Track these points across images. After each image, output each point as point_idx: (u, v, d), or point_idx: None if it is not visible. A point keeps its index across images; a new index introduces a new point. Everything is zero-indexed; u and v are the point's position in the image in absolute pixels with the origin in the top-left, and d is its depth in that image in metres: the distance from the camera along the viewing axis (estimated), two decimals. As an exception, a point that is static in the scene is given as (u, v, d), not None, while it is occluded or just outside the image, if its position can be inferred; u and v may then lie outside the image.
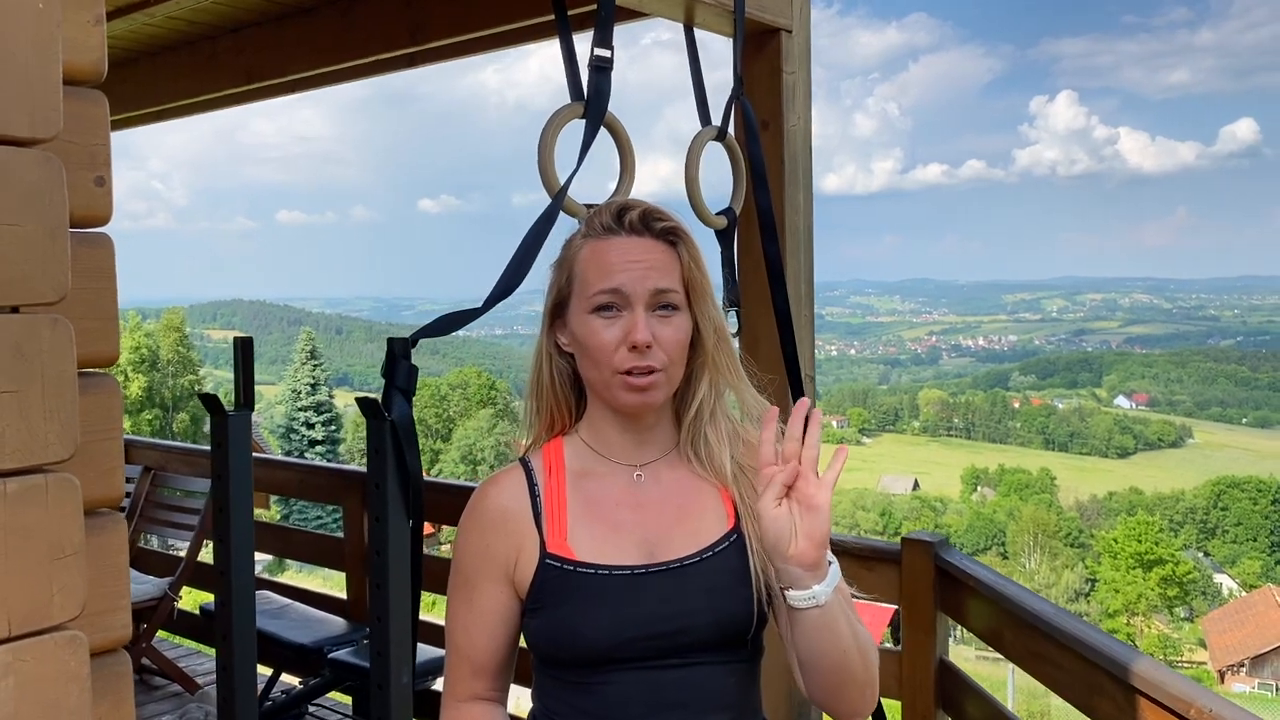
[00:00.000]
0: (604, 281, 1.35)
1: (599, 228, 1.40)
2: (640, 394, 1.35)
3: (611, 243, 1.38)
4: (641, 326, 1.33)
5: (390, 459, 1.62)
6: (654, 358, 1.34)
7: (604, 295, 1.35)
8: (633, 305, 1.34)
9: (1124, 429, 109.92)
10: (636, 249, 1.37)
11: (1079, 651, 1.99)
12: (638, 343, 1.32)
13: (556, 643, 1.34)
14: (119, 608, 1.39)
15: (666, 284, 1.36)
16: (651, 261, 1.36)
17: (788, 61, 2.74)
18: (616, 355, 1.34)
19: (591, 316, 1.36)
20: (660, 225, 1.38)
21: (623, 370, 1.34)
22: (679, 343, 1.36)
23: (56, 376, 1.16)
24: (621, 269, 1.35)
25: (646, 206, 1.40)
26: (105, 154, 1.36)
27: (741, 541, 1.38)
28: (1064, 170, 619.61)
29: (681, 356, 1.38)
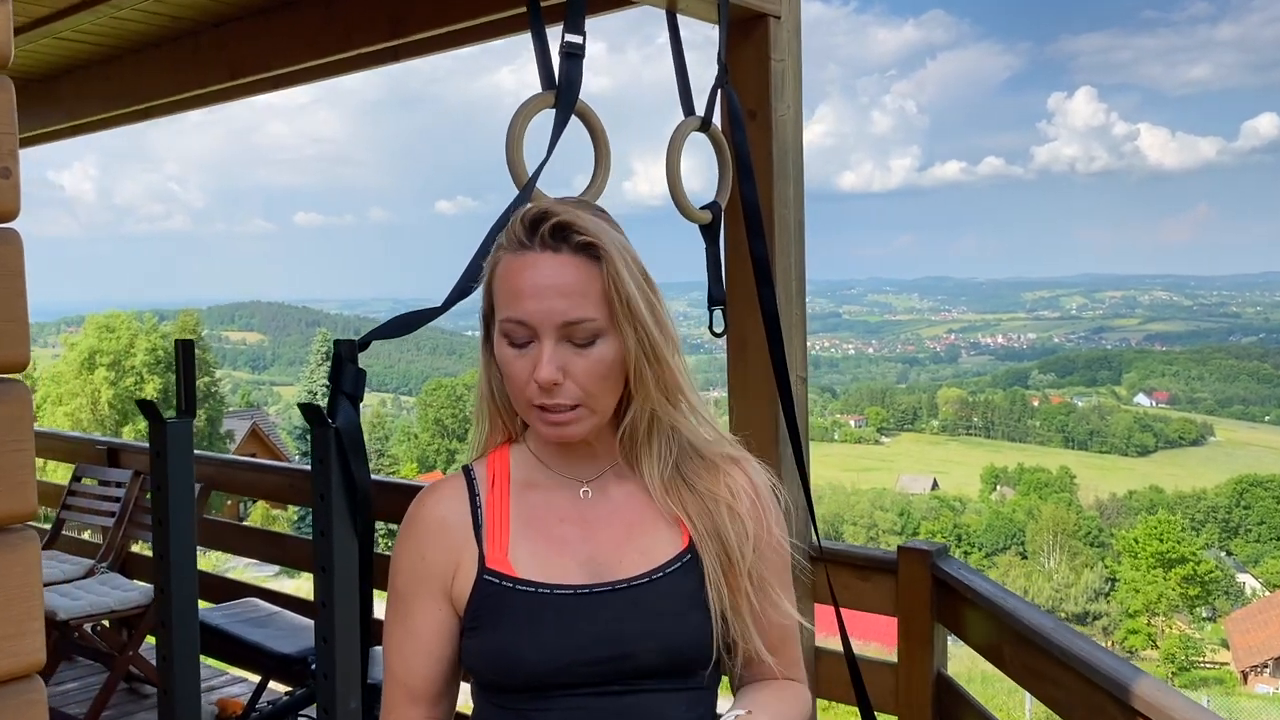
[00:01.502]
0: (511, 309, 1.22)
1: (514, 241, 1.24)
2: (557, 429, 1.24)
3: (524, 261, 1.22)
4: (545, 363, 1.19)
5: (335, 469, 1.52)
6: (565, 394, 1.21)
7: (512, 325, 1.22)
8: (540, 338, 1.21)
9: (1144, 427, 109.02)
10: (547, 271, 1.21)
11: (1079, 670, 1.87)
12: (540, 381, 1.20)
13: (494, 666, 1.24)
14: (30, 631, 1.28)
15: (578, 314, 1.20)
16: (562, 286, 1.20)
17: (776, 48, 2.63)
18: (528, 389, 1.22)
19: (503, 341, 1.24)
20: (579, 239, 1.22)
21: (536, 404, 1.23)
22: (597, 374, 1.22)
23: (-51, 386, 1.07)
24: (529, 294, 1.20)
25: (564, 217, 1.22)
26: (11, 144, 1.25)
27: (695, 562, 1.27)
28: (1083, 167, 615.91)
29: (604, 386, 1.24)
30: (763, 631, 1.29)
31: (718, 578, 1.26)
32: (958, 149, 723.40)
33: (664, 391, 1.26)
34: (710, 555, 1.27)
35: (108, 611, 4.18)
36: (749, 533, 1.28)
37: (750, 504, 1.31)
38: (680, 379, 1.28)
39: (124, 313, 47.44)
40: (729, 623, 1.27)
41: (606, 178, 2.20)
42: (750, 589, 1.27)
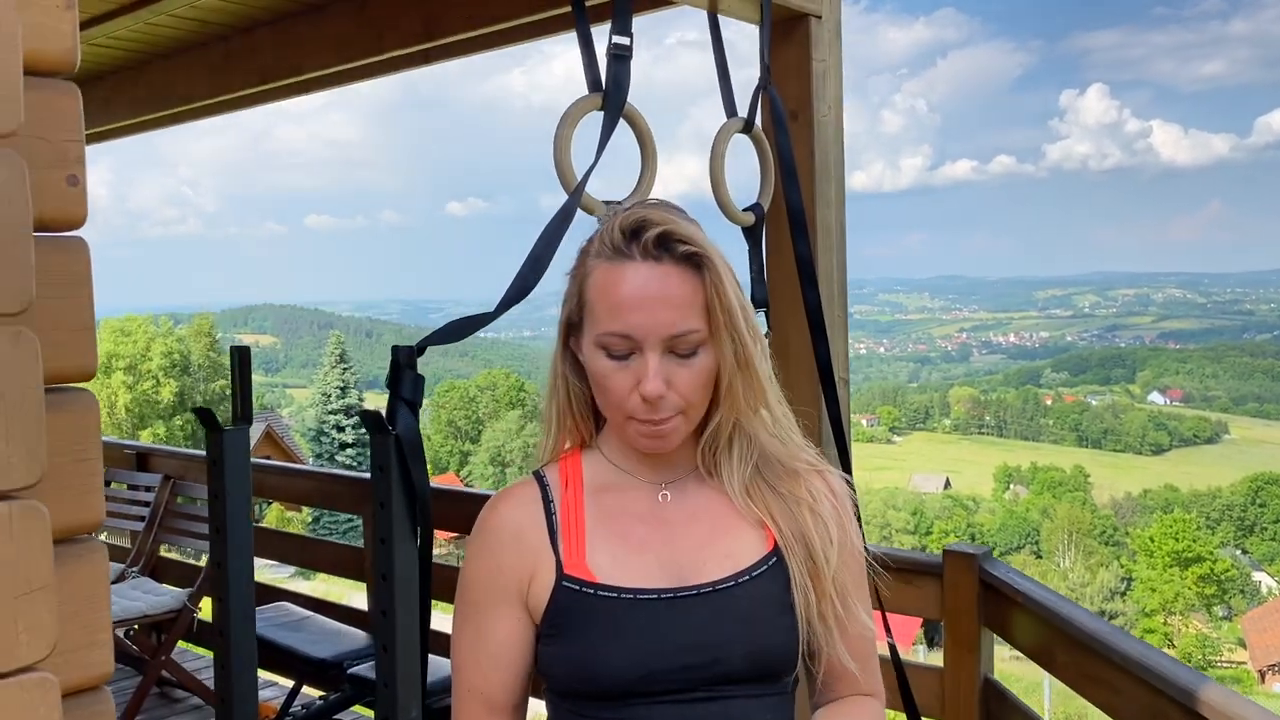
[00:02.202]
0: (613, 322, 1.18)
1: (610, 247, 1.21)
2: (655, 440, 1.22)
3: (625, 271, 1.19)
4: (652, 377, 1.17)
5: (396, 476, 1.51)
6: (668, 406, 1.19)
7: (613, 339, 1.19)
8: (644, 351, 1.18)
9: (1158, 425, 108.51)
10: (652, 282, 1.18)
11: (1140, 676, 1.84)
12: (647, 395, 1.17)
13: (576, 674, 1.21)
14: (99, 642, 1.28)
15: (685, 326, 1.18)
16: (668, 298, 1.17)
17: (817, 49, 2.61)
18: (629, 402, 1.20)
19: (600, 353, 1.21)
20: (682, 249, 1.19)
21: (636, 418, 1.21)
22: (699, 384, 1.21)
23: (19, 395, 1.05)
24: (634, 307, 1.17)
25: (666, 226, 1.19)
26: (78, 151, 1.25)
27: (782, 566, 1.25)
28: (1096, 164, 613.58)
29: (704, 395, 1.22)
30: (846, 639, 1.27)
31: (804, 581, 1.24)
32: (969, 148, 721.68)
33: (750, 401, 1.25)
34: (796, 558, 1.25)
35: (140, 616, 4.18)
36: (833, 537, 1.26)
37: (832, 509, 1.29)
38: (767, 388, 1.26)
39: (140, 316, 47.69)
40: (814, 628, 1.24)
41: (653, 180, 2.19)
42: (835, 595, 1.25)
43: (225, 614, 1.59)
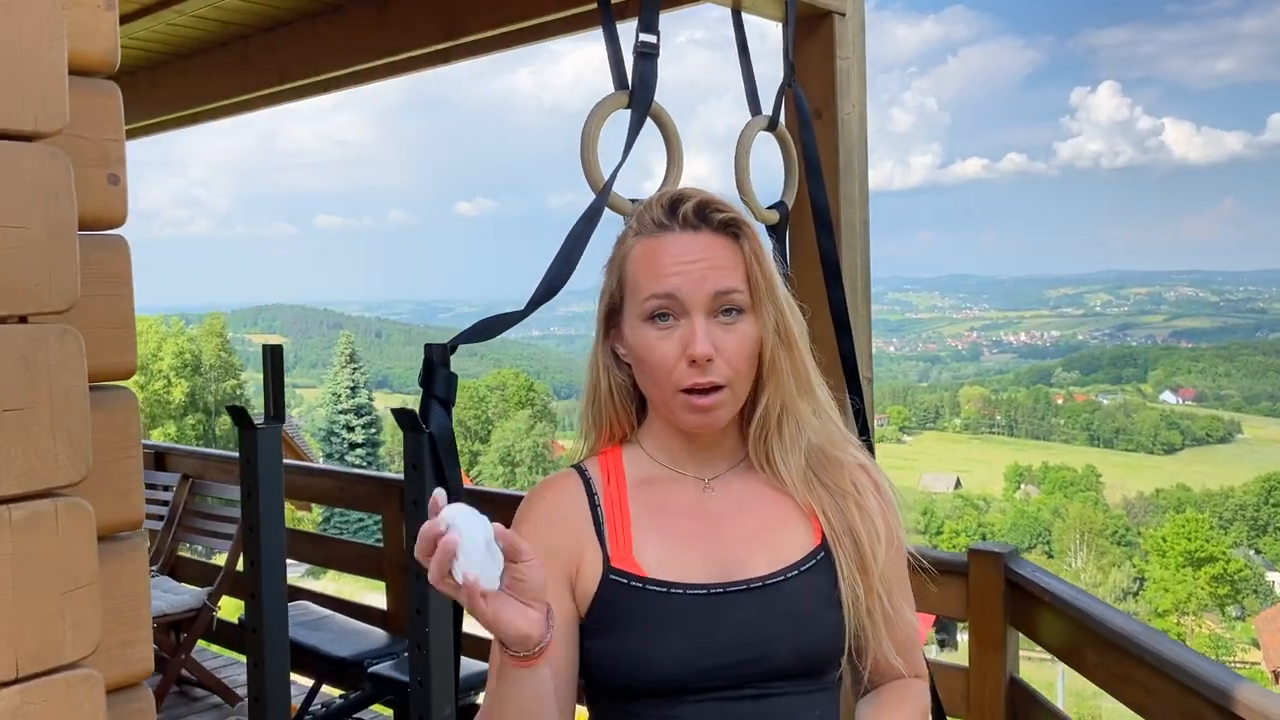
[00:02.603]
0: (656, 285, 1.20)
1: (650, 223, 1.24)
2: (703, 415, 1.20)
3: (664, 240, 1.22)
4: (701, 337, 1.17)
5: (429, 473, 1.51)
6: (717, 372, 1.18)
7: (657, 301, 1.19)
8: (690, 312, 1.19)
9: (1171, 425, 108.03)
10: (693, 246, 1.20)
11: (1174, 676, 1.83)
12: (697, 356, 1.17)
13: (623, 670, 1.19)
14: (139, 639, 1.28)
15: (728, 284, 1.19)
16: (711, 260, 1.20)
17: (841, 46, 2.60)
18: (675, 371, 1.19)
19: (645, 326, 1.21)
20: (720, 217, 1.22)
21: (683, 387, 1.19)
22: (745, 353, 1.20)
23: (65, 392, 1.06)
24: (676, 270, 1.19)
25: (703, 196, 1.24)
26: (119, 150, 1.26)
27: (828, 560, 1.24)
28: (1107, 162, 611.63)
29: (749, 367, 1.21)
30: (892, 635, 1.26)
31: (852, 576, 1.23)
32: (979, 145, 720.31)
33: (796, 381, 1.24)
34: (844, 553, 1.24)
35: (159, 615, 4.20)
36: (881, 533, 1.25)
37: (878, 504, 1.28)
38: (811, 371, 1.26)
39: (150, 316, 47.92)
40: (861, 625, 1.23)
41: (680, 177, 2.19)
42: (882, 592, 1.24)
43: (258, 611, 1.59)
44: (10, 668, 1.01)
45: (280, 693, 1.62)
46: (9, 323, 1.03)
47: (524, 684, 1.08)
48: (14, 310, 1.02)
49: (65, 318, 1.09)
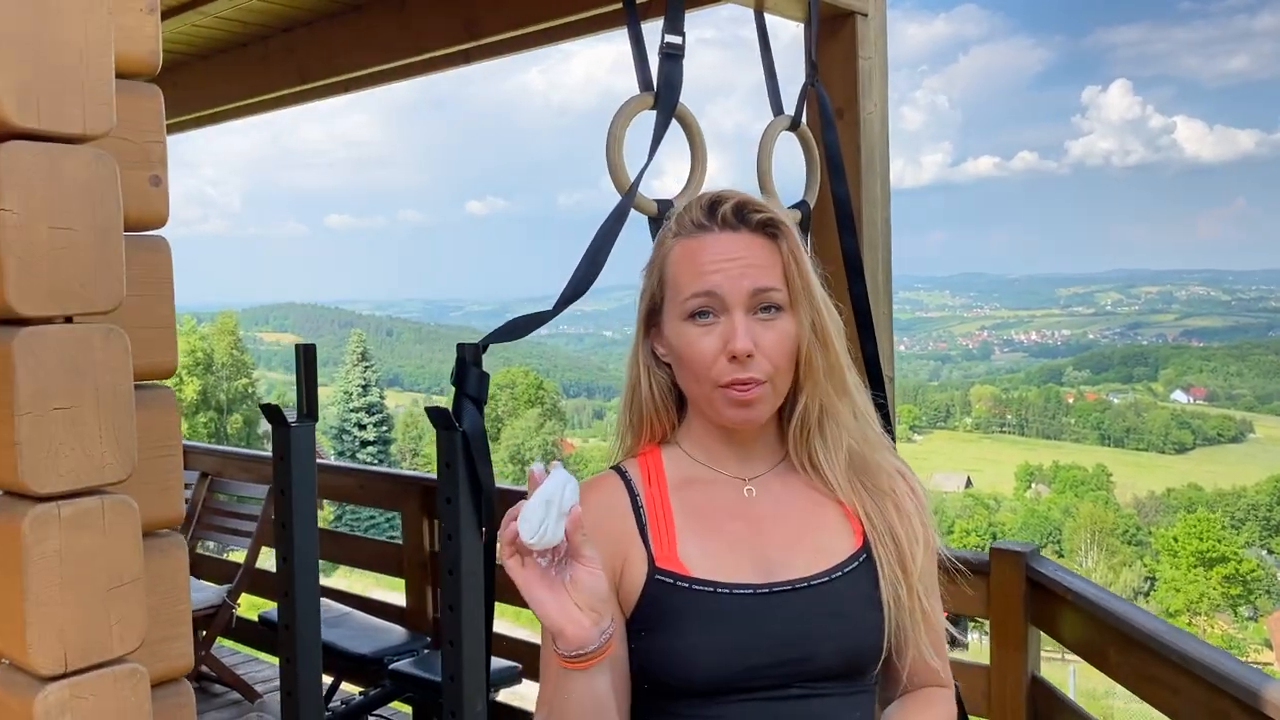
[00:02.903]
0: (697, 284, 1.22)
1: (690, 225, 1.27)
2: (744, 409, 1.22)
3: (704, 240, 1.24)
4: (741, 333, 1.19)
5: (462, 471, 1.52)
6: (757, 368, 1.20)
7: (698, 299, 1.22)
8: (730, 309, 1.21)
9: (1182, 424, 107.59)
10: (732, 246, 1.23)
11: (1201, 675, 1.83)
12: (737, 352, 1.19)
13: (668, 669, 1.20)
14: (180, 634, 1.30)
15: (767, 282, 1.21)
16: (749, 259, 1.22)
17: (863, 46, 2.61)
18: (715, 367, 1.21)
19: (686, 324, 1.23)
20: (758, 217, 1.24)
21: (723, 383, 1.21)
22: (785, 350, 1.21)
23: (112, 391, 1.08)
24: (715, 269, 1.22)
25: (741, 197, 1.27)
26: (160, 152, 1.27)
27: (870, 562, 1.25)
28: (1119, 161, 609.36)
29: (788, 364, 1.23)
30: (930, 636, 1.27)
31: (894, 576, 1.24)
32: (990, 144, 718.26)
33: (832, 380, 1.25)
34: (886, 554, 1.25)
35: (179, 612, 4.21)
36: (919, 536, 1.27)
37: (915, 507, 1.29)
38: (848, 371, 1.27)
39: (162, 315, 47.89)
40: (902, 625, 1.24)
41: (703, 179, 2.19)
42: (922, 593, 1.25)
43: (291, 608, 1.61)
44: (59, 662, 1.03)
45: (313, 688, 1.63)
46: (55, 323, 1.04)
47: (578, 686, 1.11)
48: (60, 310, 1.04)
49: (110, 318, 1.10)
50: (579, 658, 1.08)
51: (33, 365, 1.01)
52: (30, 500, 1.02)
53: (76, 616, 1.04)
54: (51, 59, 1.02)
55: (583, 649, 1.08)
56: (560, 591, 1.07)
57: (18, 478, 1.00)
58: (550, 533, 1.04)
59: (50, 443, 1.02)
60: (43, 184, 1.01)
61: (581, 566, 1.07)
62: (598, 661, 1.10)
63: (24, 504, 1.02)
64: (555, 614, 1.07)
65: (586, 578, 1.07)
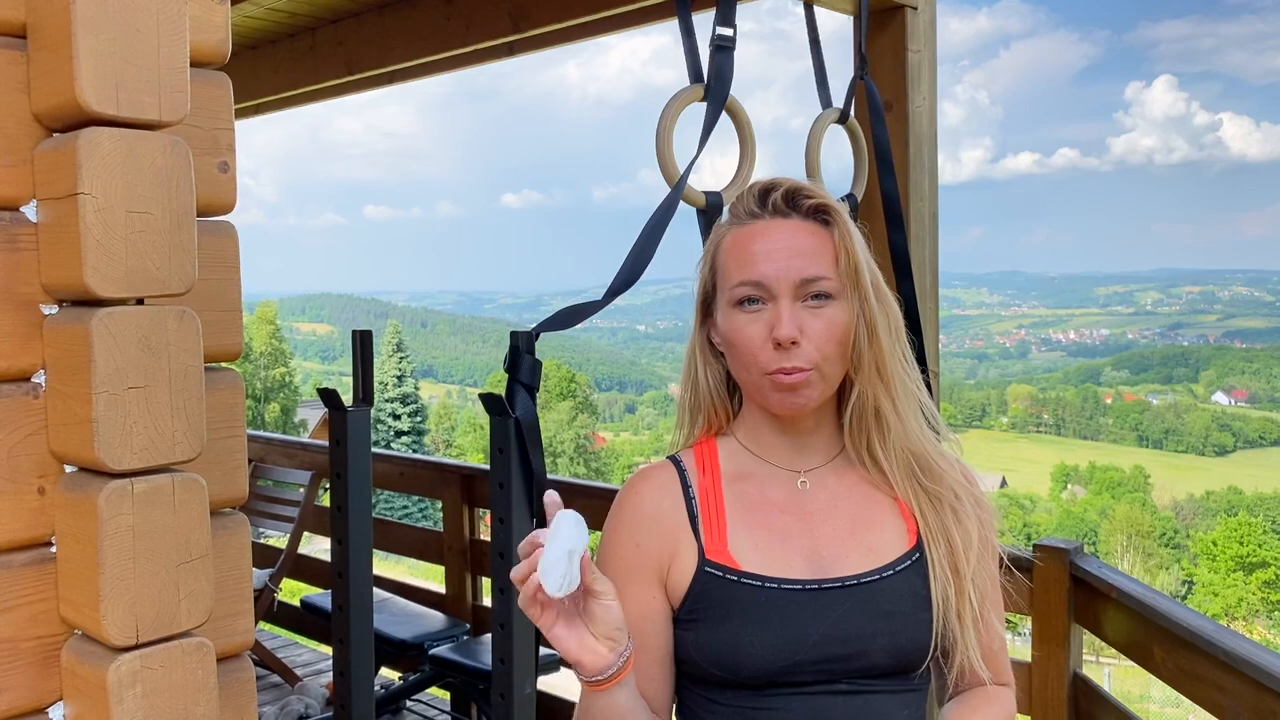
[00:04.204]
0: (745, 272, 1.23)
1: (742, 213, 1.28)
2: (789, 394, 1.21)
3: (754, 228, 1.25)
4: (786, 320, 1.19)
5: (514, 458, 1.54)
6: (801, 356, 1.19)
7: (745, 288, 1.22)
8: (777, 297, 1.20)
9: (1222, 426, 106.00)
10: (782, 233, 1.23)
11: (1247, 673, 1.82)
12: (781, 339, 1.19)
13: (717, 661, 1.21)
14: (242, 611, 1.34)
15: (815, 271, 1.21)
16: (798, 246, 1.22)
17: (913, 40, 2.60)
18: (762, 354, 1.21)
19: (735, 311, 1.24)
20: (810, 203, 1.24)
21: (770, 370, 1.21)
22: (833, 337, 1.21)
23: (183, 372, 1.10)
24: (764, 257, 1.22)
25: (793, 183, 1.27)
26: (229, 138, 1.30)
27: (923, 561, 1.25)
28: (1161, 158, 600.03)
29: (840, 351, 1.22)
30: (981, 642, 1.25)
31: (945, 577, 1.23)
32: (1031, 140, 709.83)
33: (884, 372, 1.24)
34: (939, 554, 1.24)
35: (223, 595, 4.28)
36: (974, 538, 1.26)
37: (971, 508, 1.28)
38: (896, 364, 1.25)
39: (202, 304, 48.54)
40: (950, 627, 1.23)
41: (751, 170, 2.20)
42: (973, 596, 1.24)
43: (345, 589, 1.64)
44: (131, 634, 1.06)
45: (365, 668, 1.66)
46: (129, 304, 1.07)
47: (598, 702, 1.16)
48: (135, 293, 1.07)
49: (183, 300, 1.13)
50: (600, 681, 1.13)
51: (109, 345, 1.04)
52: (105, 476, 1.04)
53: (148, 590, 1.07)
54: (129, 48, 1.05)
55: (602, 674, 1.13)
56: (578, 625, 1.12)
57: (94, 454, 1.03)
58: (572, 581, 1.07)
59: (125, 420, 1.04)
60: (121, 169, 1.04)
61: (596, 600, 1.11)
62: (618, 681, 1.14)
63: (99, 480, 1.05)
64: (574, 648, 1.11)
65: (601, 611, 1.11)
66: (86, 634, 1.08)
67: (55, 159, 1.04)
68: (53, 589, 1.09)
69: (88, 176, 1.02)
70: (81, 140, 1.01)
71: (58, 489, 1.09)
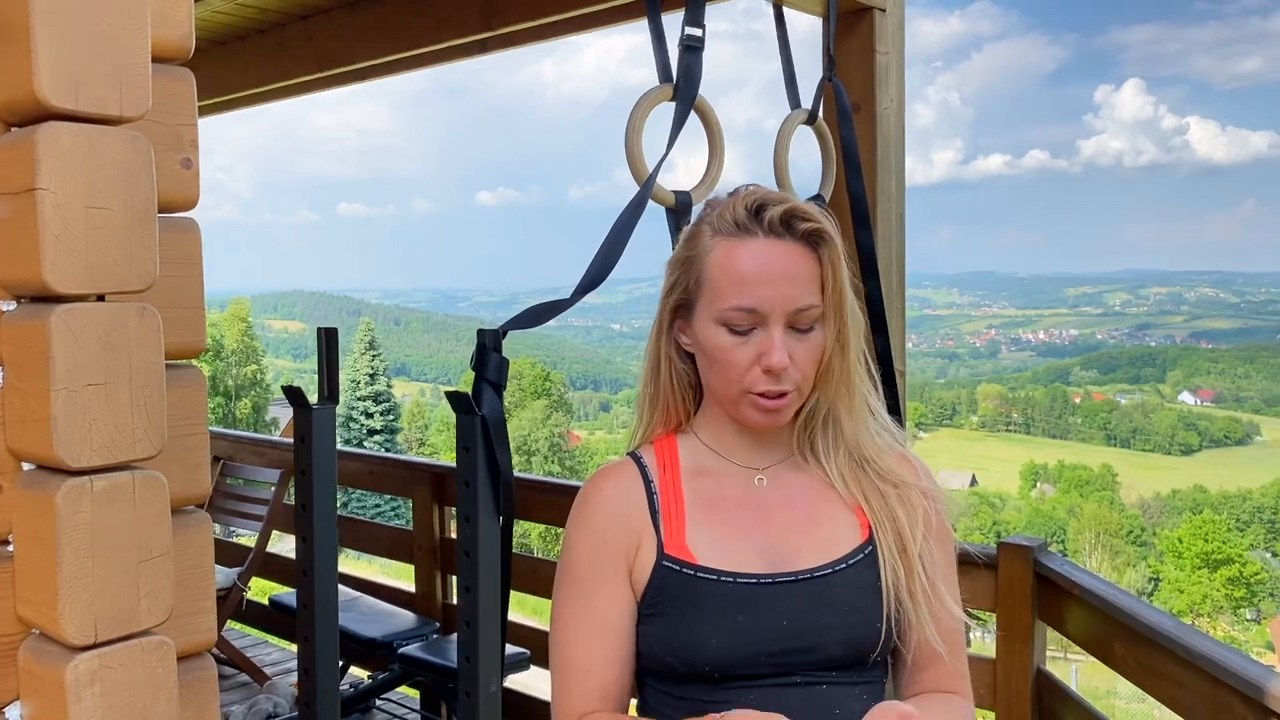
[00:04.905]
0: (739, 297, 1.22)
1: (732, 224, 1.25)
2: (770, 415, 1.24)
3: (747, 247, 1.23)
4: (779, 350, 1.20)
5: (481, 456, 1.54)
6: (788, 380, 1.22)
7: (738, 313, 1.22)
8: (769, 325, 1.21)
9: (1189, 425, 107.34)
10: (777, 257, 1.22)
11: (1205, 669, 1.85)
12: (774, 368, 1.20)
13: (675, 654, 1.23)
14: (204, 610, 1.33)
15: (807, 300, 1.22)
16: (793, 274, 1.22)
17: (881, 41, 2.62)
18: (748, 376, 1.23)
19: (721, 329, 1.24)
20: (804, 227, 1.23)
21: (755, 391, 1.23)
22: (814, 360, 1.24)
23: (144, 368, 1.10)
24: (759, 282, 1.21)
25: (790, 204, 1.25)
26: (192, 134, 1.29)
27: (875, 555, 1.27)
28: (1130, 161, 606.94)
29: (815, 371, 1.25)
30: (936, 620, 1.28)
31: (893, 559, 1.26)
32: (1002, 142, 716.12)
33: (844, 383, 1.27)
34: (887, 539, 1.27)
35: (190, 594, 4.24)
36: (919, 516, 1.29)
37: (919, 491, 1.31)
38: (859, 374, 1.29)
39: (172, 300, 48.12)
40: (903, 606, 1.26)
41: (721, 170, 2.21)
42: (923, 572, 1.26)
43: (310, 588, 1.63)
44: (90, 632, 1.05)
45: (330, 667, 1.66)
46: (90, 301, 1.07)
47: None
48: (95, 289, 1.06)
49: (144, 297, 1.13)
50: None
51: (69, 341, 1.03)
52: (64, 474, 1.04)
53: (106, 588, 1.06)
54: (89, 42, 1.04)
55: None
56: None
57: (52, 451, 1.02)
58: None
59: (84, 418, 1.04)
60: (80, 164, 1.03)
61: None
62: None
63: (57, 477, 1.04)
64: None
65: None
66: (44, 633, 1.07)
67: (13, 154, 1.03)
68: (10, 588, 1.08)
69: (46, 171, 1.01)
70: (40, 135, 1.00)
71: (15, 487, 1.08)
